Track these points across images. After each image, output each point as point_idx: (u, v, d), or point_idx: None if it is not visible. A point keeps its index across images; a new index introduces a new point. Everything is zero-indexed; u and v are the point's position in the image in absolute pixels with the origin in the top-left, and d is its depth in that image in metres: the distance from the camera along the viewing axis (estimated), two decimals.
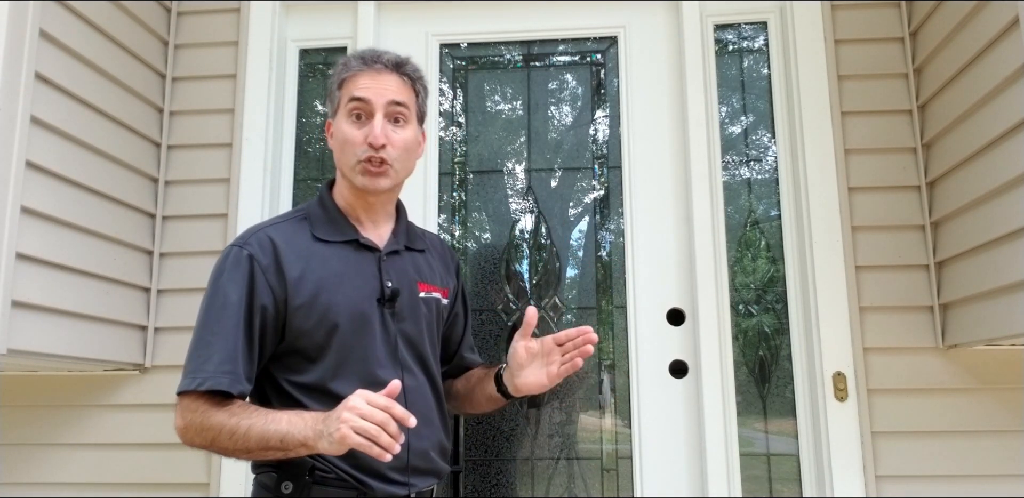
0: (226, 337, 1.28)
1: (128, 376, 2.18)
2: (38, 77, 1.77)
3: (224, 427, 1.22)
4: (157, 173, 2.28)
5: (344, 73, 1.44)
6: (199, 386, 1.26)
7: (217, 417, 1.24)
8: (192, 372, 1.28)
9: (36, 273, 1.75)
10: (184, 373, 1.30)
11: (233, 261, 1.33)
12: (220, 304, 1.30)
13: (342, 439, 1.12)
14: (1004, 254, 1.72)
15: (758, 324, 2.20)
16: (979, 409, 2.00)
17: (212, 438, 1.24)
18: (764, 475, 2.12)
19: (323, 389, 1.32)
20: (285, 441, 1.19)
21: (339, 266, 1.38)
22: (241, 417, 1.23)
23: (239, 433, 1.21)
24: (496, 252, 2.34)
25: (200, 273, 2.22)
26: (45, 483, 2.14)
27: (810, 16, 2.24)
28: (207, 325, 1.30)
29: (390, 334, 1.40)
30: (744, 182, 2.28)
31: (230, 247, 1.35)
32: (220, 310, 1.30)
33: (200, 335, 1.31)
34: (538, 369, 1.41)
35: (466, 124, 2.43)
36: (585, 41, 2.44)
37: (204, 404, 1.26)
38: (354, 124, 1.40)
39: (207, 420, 1.24)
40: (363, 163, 1.38)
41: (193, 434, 1.26)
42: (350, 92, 1.41)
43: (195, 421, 1.25)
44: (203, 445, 1.26)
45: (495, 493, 2.19)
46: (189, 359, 1.30)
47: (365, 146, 1.37)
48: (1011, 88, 1.69)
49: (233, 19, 2.38)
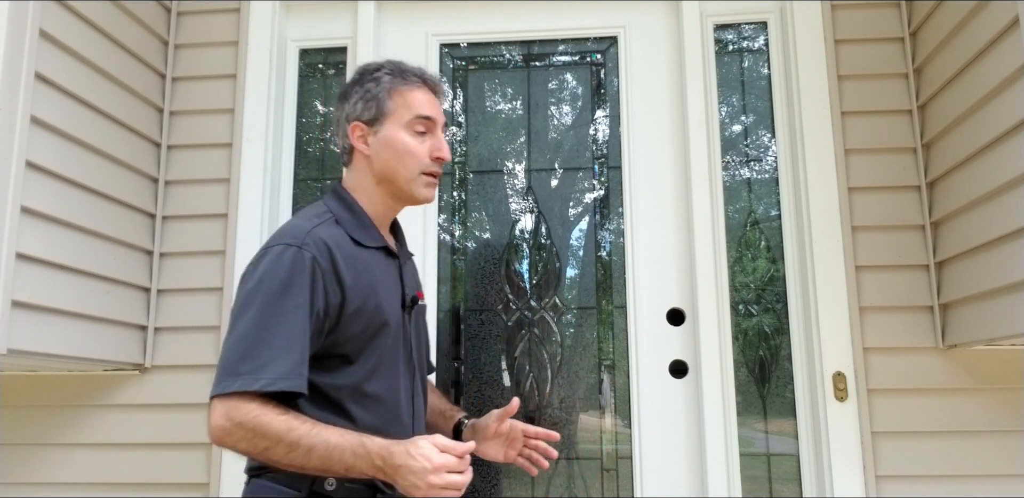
0: (292, 339, 1.23)
1: (128, 376, 2.18)
2: (38, 77, 1.77)
3: (283, 440, 1.17)
4: (157, 173, 2.28)
5: (399, 84, 1.43)
6: (266, 386, 1.19)
7: (276, 426, 1.17)
8: (250, 372, 1.20)
9: (36, 273, 1.75)
10: (231, 372, 1.20)
11: (294, 262, 1.27)
12: (285, 305, 1.24)
13: (425, 493, 1.15)
14: (1004, 254, 1.72)
15: (758, 324, 2.20)
16: (979, 409, 2.00)
17: (265, 447, 1.18)
18: (764, 475, 2.12)
19: (357, 389, 1.33)
20: (350, 471, 1.19)
21: (378, 272, 1.38)
22: (301, 433, 1.18)
23: (299, 451, 1.17)
24: (496, 252, 2.34)
25: (200, 273, 2.22)
26: (45, 483, 2.14)
27: (810, 16, 2.24)
28: (267, 325, 1.23)
29: (407, 339, 1.44)
30: (744, 182, 2.28)
31: (285, 246, 1.28)
32: (285, 311, 1.24)
33: (258, 334, 1.22)
34: (498, 446, 1.51)
35: (466, 124, 2.43)
36: (585, 41, 2.44)
37: (258, 407, 1.19)
38: (415, 137, 1.42)
39: (263, 427, 1.17)
40: (426, 176, 1.42)
41: (238, 438, 1.18)
42: (414, 107, 1.42)
43: (246, 424, 1.17)
44: (246, 450, 1.20)
45: (495, 493, 2.19)
46: (242, 358, 1.21)
47: (428, 160, 1.42)
48: (1011, 88, 1.69)
49: (233, 19, 2.38)
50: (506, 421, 1.50)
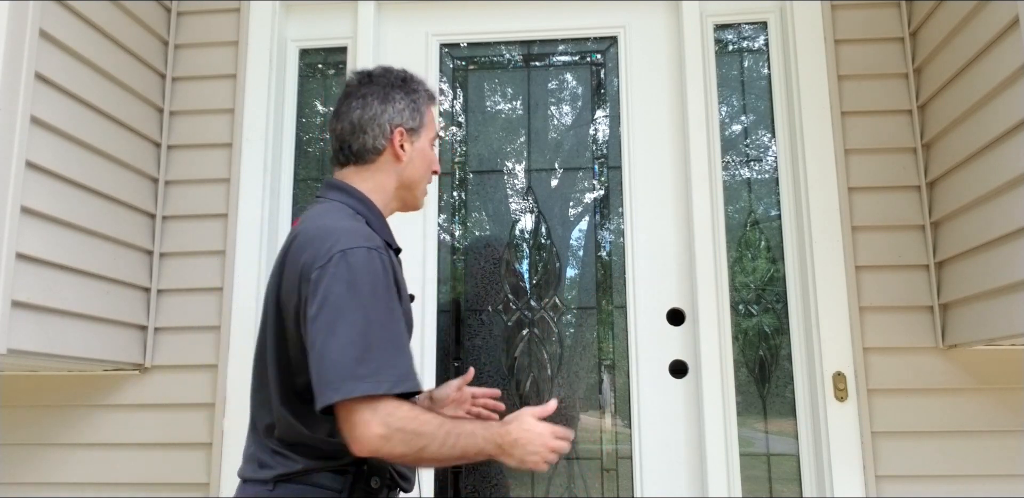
0: (400, 340, 1.23)
1: (128, 376, 2.18)
2: (38, 77, 1.77)
3: (437, 436, 1.20)
4: (157, 173, 2.28)
5: (430, 101, 1.52)
6: (392, 388, 1.19)
7: (431, 423, 1.20)
8: (373, 374, 1.18)
9: (36, 273, 1.75)
10: (351, 376, 1.17)
11: (382, 264, 1.26)
12: (385, 307, 1.24)
13: (535, 466, 1.26)
14: (1004, 254, 1.72)
15: (758, 324, 2.20)
16: (979, 409, 2.00)
17: (422, 446, 1.19)
18: (764, 475, 2.12)
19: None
20: (480, 454, 1.25)
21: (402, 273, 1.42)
22: (448, 427, 1.21)
23: (448, 443, 1.20)
24: (496, 252, 2.34)
25: (200, 273, 2.22)
26: (45, 483, 2.14)
27: (810, 16, 2.24)
28: (374, 327, 1.22)
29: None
30: (744, 182, 2.28)
31: (367, 249, 1.26)
32: (387, 312, 1.24)
33: (368, 337, 1.21)
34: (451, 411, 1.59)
35: (466, 124, 2.43)
36: (585, 41, 2.44)
37: (410, 408, 1.20)
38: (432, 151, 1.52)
39: (422, 426, 1.19)
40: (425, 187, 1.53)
41: (398, 441, 1.17)
42: (435, 124, 1.53)
43: (407, 427, 1.18)
44: (403, 453, 1.19)
45: (495, 493, 2.19)
46: (359, 361, 1.18)
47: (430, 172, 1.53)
48: (1011, 88, 1.69)
49: (233, 19, 2.38)
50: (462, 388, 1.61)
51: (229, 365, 2.15)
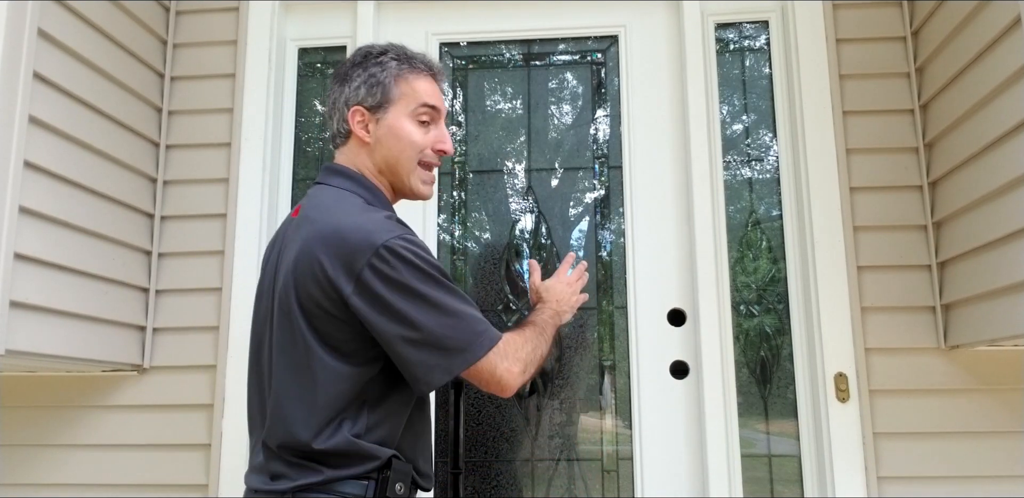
0: (466, 298, 1.33)
1: (127, 377, 2.18)
2: (36, 77, 1.77)
3: (540, 340, 1.40)
4: (156, 173, 2.27)
5: (407, 70, 1.40)
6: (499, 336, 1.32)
7: (531, 339, 1.38)
8: (485, 330, 1.29)
9: (34, 273, 1.74)
10: (474, 334, 1.27)
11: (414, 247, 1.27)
12: (445, 284, 1.29)
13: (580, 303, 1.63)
14: (1006, 254, 1.71)
15: (759, 324, 2.20)
16: (981, 410, 1.99)
17: (541, 355, 1.39)
18: (765, 476, 2.12)
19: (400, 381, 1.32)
20: (557, 326, 1.52)
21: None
22: (534, 328, 1.43)
23: (546, 337, 1.43)
24: (496, 252, 2.33)
25: (199, 273, 2.22)
26: (44, 484, 2.13)
27: (811, 15, 2.23)
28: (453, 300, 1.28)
29: None
30: (745, 182, 2.28)
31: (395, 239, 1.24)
32: (442, 284, 1.28)
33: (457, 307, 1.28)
34: None
35: (466, 123, 2.42)
36: (585, 40, 2.43)
37: (515, 338, 1.36)
38: (419, 126, 1.40)
39: (530, 343, 1.37)
40: (421, 169, 1.42)
41: (531, 365, 1.35)
42: (419, 95, 1.39)
43: (528, 355, 1.34)
44: (536, 370, 1.37)
45: (495, 494, 2.18)
46: (470, 322, 1.28)
47: (431, 151, 1.42)
48: (1013, 88, 1.68)
49: (232, 18, 2.37)
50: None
51: (228, 366, 2.14)
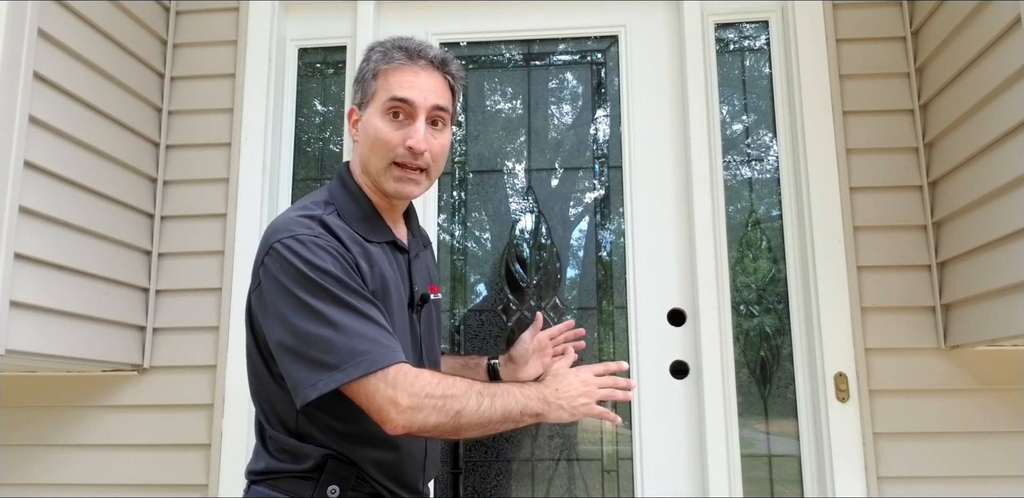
0: (373, 319, 1.18)
1: (127, 377, 2.18)
2: (36, 77, 1.77)
3: (468, 396, 1.15)
4: (156, 173, 2.27)
5: (383, 64, 1.31)
6: (395, 358, 1.15)
7: (456, 385, 1.15)
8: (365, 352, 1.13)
9: (34, 273, 1.74)
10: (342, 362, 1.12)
11: (311, 249, 1.18)
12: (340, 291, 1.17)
13: (587, 412, 1.24)
14: (1006, 254, 1.71)
15: (759, 324, 2.20)
16: (981, 410, 1.99)
17: (457, 410, 1.14)
18: (765, 476, 2.12)
19: None
20: (524, 413, 1.19)
21: (387, 268, 1.29)
22: (472, 385, 1.17)
23: (485, 403, 1.15)
24: (496, 252, 2.33)
25: (199, 273, 2.22)
26: (44, 484, 2.13)
27: (811, 15, 2.23)
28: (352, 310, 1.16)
29: (416, 339, 1.36)
30: (745, 182, 2.28)
31: (291, 238, 1.19)
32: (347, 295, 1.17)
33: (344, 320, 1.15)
34: (535, 362, 1.52)
35: (466, 123, 2.42)
36: (585, 40, 2.43)
37: (428, 374, 1.15)
38: (391, 123, 1.29)
39: (449, 389, 1.14)
40: (396, 167, 1.29)
41: (430, 408, 1.12)
42: (391, 88, 1.29)
43: (434, 392, 1.13)
44: (438, 421, 1.13)
45: (495, 494, 2.18)
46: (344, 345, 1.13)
47: (403, 149, 1.28)
48: (1013, 88, 1.68)
49: (232, 18, 2.37)
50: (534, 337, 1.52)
51: (228, 366, 2.14)
